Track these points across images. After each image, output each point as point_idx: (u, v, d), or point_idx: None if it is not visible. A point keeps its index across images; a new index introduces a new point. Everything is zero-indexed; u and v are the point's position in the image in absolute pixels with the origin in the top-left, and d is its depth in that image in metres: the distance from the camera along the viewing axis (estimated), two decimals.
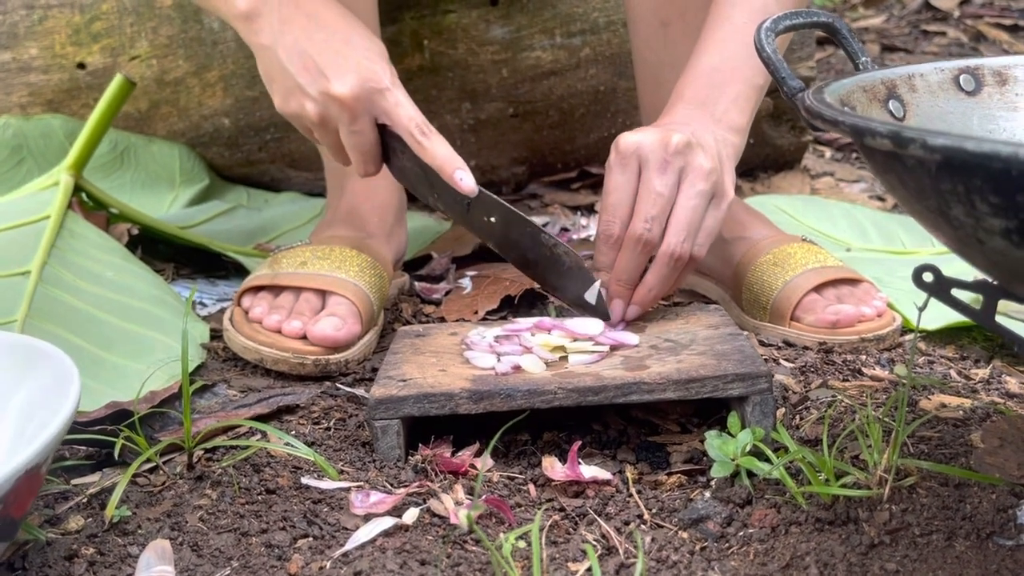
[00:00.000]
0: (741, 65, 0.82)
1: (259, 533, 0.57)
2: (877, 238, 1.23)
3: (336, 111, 0.76)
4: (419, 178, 0.79)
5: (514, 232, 0.78)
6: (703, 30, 0.86)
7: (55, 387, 0.52)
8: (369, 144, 0.78)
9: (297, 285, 0.87)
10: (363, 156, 0.79)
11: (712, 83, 0.82)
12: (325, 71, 0.75)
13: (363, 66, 0.76)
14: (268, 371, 0.82)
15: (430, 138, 0.76)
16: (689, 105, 0.82)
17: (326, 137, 0.79)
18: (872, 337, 0.86)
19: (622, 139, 0.78)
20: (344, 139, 0.78)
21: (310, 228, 1.26)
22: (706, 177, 0.76)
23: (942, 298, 0.56)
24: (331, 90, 0.75)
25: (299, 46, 0.76)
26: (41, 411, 0.51)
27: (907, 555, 0.53)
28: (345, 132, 0.77)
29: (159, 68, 1.28)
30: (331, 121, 0.77)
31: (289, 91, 0.78)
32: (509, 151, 1.37)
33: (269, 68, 0.79)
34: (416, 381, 0.69)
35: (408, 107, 0.77)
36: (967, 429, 0.69)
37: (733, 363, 0.68)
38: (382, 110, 0.76)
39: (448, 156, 0.76)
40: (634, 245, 0.77)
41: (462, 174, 0.76)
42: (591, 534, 0.59)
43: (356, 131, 0.77)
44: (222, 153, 1.34)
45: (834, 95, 0.53)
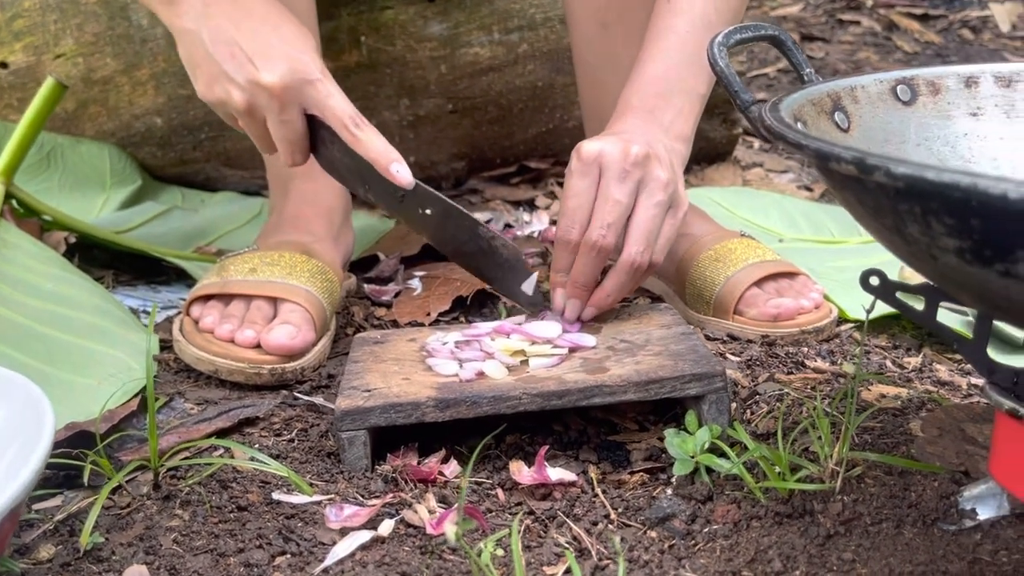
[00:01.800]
0: (685, 75, 0.84)
1: (236, 553, 0.57)
2: (807, 228, 1.27)
3: (264, 100, 0.75)
4: (350, 170, 0.78)
5: (451, 225, 0.79)
6: (646, 39, 0.88)
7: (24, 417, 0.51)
8: (297, 134, 0.77)
9: (248, 293, 0.87)
10: (291, 146, 0.78)
11: (658, 93, 0.84)
12: (253, 59, 0.74)
13: (293, 56, 0.75)
14: (223, 382, 0.82)
15: (364, 130, 0.76)
16: (638, 115, 0.84)
17: (252, 126, 0.78)
18: (811, 329, 0.90)
19: (584, 146, 0.79)
20: (272, 129, 0.77)
21: (250, 229, 1.24)
22: (664, 188, 0.79)
23: (888, 300, 0.60)
24: (259, 79, 0.74)
25: (225, 33, 0.75)
26: (12, 443, 0.50)
27: (861, 544, 0.57)
28: (273, 122, 0.76)
29: (86, 66, 1.24)
30: (258, 110, 0.76)
31: (214, 77, 0.76)
32: (448, 147, 1.37)
33: (192, 53, 0.77)
34: (381, 391, 0.69)
35: (340, 99, 0.76)
36: (905, 418, 0.73)
37: (689, 363, 0.70)
38: (313, 101, 0.76)
39: (383, 149, 0.76)
40: (590, 250, 0.78)
41: (398, 167, 0.76)
42: (562, 536, 0.61)
43: (285, 121, 0.76)
44: (154, 153, 1.31)
45: (788, 111, 0.55)
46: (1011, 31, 2.37)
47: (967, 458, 0.63)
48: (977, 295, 0.44)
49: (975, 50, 2.28)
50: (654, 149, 0.79)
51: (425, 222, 0.79)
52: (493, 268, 0.80)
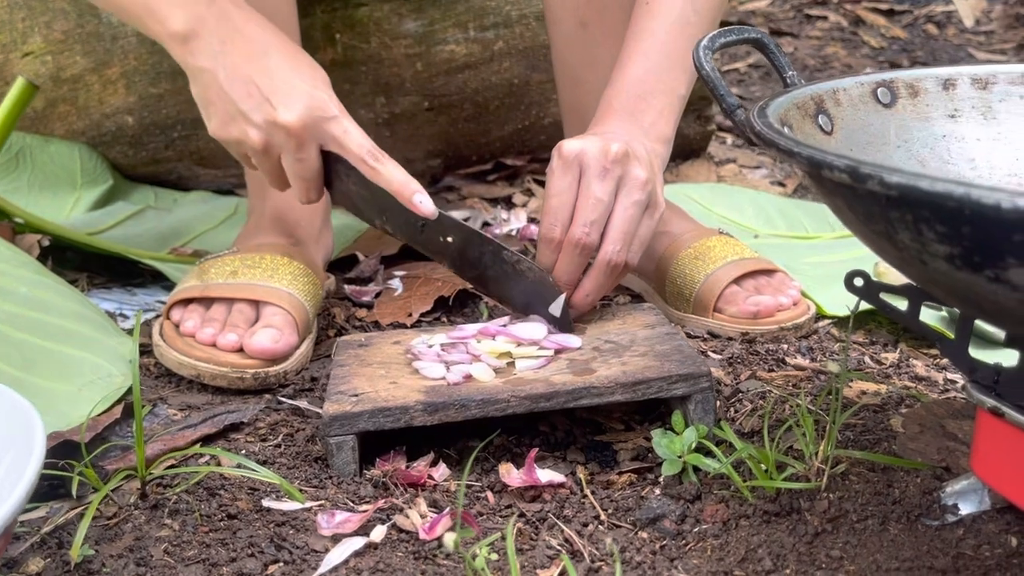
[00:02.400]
0: (665, 76, 0.85)
1: (228, 562, 0.57)
2: (782, 224, 1.29)
3: (282, 139, 0.75)
4: (366, 202, 0.79)
5: (473, 251, 0.80)
6: (626, 40, 0.88)
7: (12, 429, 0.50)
8: (313, 172, 0.78)
9: (229, 296, 0.86)
10: (307, 184, 0.79)
11: (639, 95, 0.85)
12: (271, 98, 0.75)
13: (310, 94, 0.75)
14: (205, 386, 0.81)
15: (384, 163, 0.77)
16: (619, 116, 0.85)
17: (265, 164, 0.79)
18: (791, 326, 0.91)
19: (565, 145, 0.80)
20: (287, 167, 0.78)
21: (226, 229, 1.23)
22: (642, 187, 0.79)
23: (871, 301, 0.61)
24: (277, 118, 0.74)
25: (242, 71, 0.75)
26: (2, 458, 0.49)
27: (848, 541, 0.58)
28: (290, 160, 0.77)
29: (55, 65, 1.22)
30: (275, 148, 0.77)
31: (230, 117, 0.76)
32: (424, 144, 1.37)
33: (206, 91, 0.77)
34: (369, 395, 0.69)
35: (357, 134, 0.77)
36: (886, 415, 0.74)
37: (675, 364, 0.71)
38: (331, 138, 0.76)
39: (404, 180, 0.77)
40: (573, 248, 0.79)
41: (421, 197, 0.76)
42: (554, 538, 0.61)
43: (301, 159, 0.77)
44: (126, 152, 1.29)
45: (774, 115, 0.56)
46: (974, 26, 2.41)
47: (948, 454, 0.65)
48: (965, 299, 0.45)
49: (940, 45, 2.31)
50: (633, 148, 0.80)
51: (446, 250, 0.80)
52: (519, 292, 0.80)
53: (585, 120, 1.06)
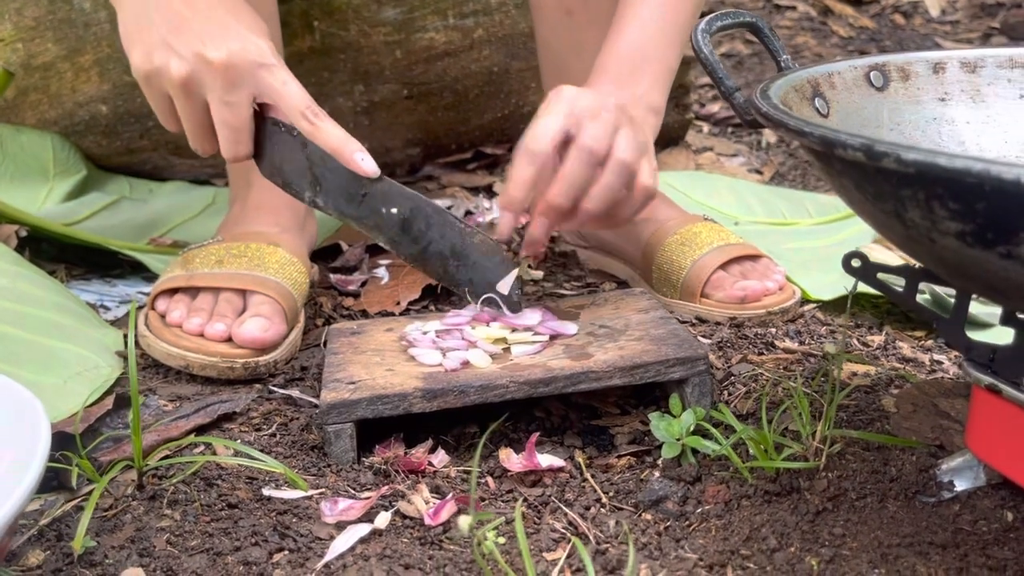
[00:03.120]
0: (659, 46, 0.83)
1: (232, 551, 0.56)
2: (760, 210, 1.30)
3: (208, 77, 0.69)
4: (299, 172, 0.72)
5: (419, 223, 0.72)
6: (619, 9, 0.86)
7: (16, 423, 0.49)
8: (241, 121, 0.71)
9: (216, 286, 0.85)
10: (234, 134, 0.71)
11: (634, 62, 0.83)
12: (203, 36, 0.69)
13: (247, 38, 0.70)
14: (194, 377, 0.80)
15: (322, 119, 0.71)
16: (613, 82, 0.82)
17: (188, 108, 0.71)
18: (777, 310, 0.92)
19: (563, 88, 0.75)
20: (215, 112, 0.70)
21: (204, 219, 1.21)
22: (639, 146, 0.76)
23: (869, 282, 0.61)
24: (206, 53, 0.68)
25: (175, 7, 0.70)
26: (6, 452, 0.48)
27: (849, 519, 0.59)
28: (216, 102, 0.70)
29: (26, 52, 1.19)
30: (198, 87, 0.70)
31: (153, 45, 0.69)
32: (403, 133, 1.36)
33: (133, 23, 0.71)
34: (366, 383, 0.69)
35: (296, 87, 0.71)
36: (876, 395, 0.75)
37: (672, 347, 0.71)
38: (267, 87, 0.70)
39: (344, 137, 0.71)
40: (586, 155, 0.71)
41: (362, 155, 0.71)
42: (558, 522, 0.61)
43: (229, 103, 0.69)
44: (99, 142, 1.27)
45: (776, 98, 0.56)
46: (940, 16, 2.45)
47: (942, 432, 0.66)
48: (972, 277, 0.45)
49: (907, 35, 2.34)
50: (628, 113, 0.77)
51: (387, 223, 0.72)
52: (466, 270, 0.74)
53: None
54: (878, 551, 0.56)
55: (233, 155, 0.73)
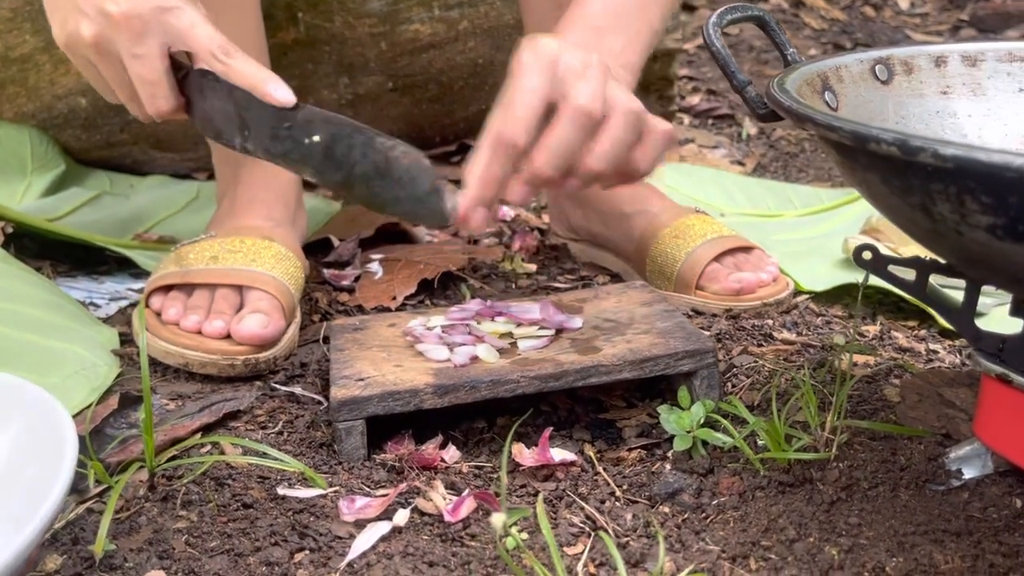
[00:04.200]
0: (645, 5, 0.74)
1: (253, 552, 0.55)
2: (745, 202, 1.31)
3: (113, 31, 0.65)
4: (227, 117, 0.68)
5: (341, 146, 0.66)
6: None
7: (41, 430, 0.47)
8: (155, 72, 0.67)
9: (212, 282, 0.83)
10: (151, 88, 0.67)
11: (611, 15, 0.73)
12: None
13: None
14: (192, 375, 0.79)
15: (234, 56, 0.67)
16: (585, 33, 0.72)
17: (108, 69, 0.68)
18: (772, 302, 0.93)
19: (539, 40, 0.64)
20: (127, 66, 0.67)
21: (189, 214, 1.19)
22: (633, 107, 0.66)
23: (879, 274, 0.62)
24: (105, 6, 0.64)
25: None
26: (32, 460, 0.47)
27: (863, 508, 0.59)
28: (127, 58, 0.66)
29: (2, 44, 1.16)
30: (110, 45, 0.66)
31: (67, 10, 0.66)
32: (388, 125, 1.35)
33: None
34: (376, 379, 0.68)
35: (205, 27, 0.67)
36: (878, 385, 0.76)
37: (680, 340, 0.72)
38: (175, 32, 0.67)
39: (257, 71, 0.67)
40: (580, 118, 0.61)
41: (275, 85, 0.66)
42: (575, 516, 0.61)
43: (138, 55, 0.66)
44: (78, 135, 1.24)
45: (792, 92, 0.56)
46: (910, 8, 2.48)
47: (948, 421, 0.67)
48: (997, 269, 0.46)
49: (878, 27, 2.37)
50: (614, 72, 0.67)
51: (312, 152, 0.66)
52: (391, 187, 0.65)
53: None
54: (894, 539, 0.56)
55: (155, 111, 0.69)
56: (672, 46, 1.41)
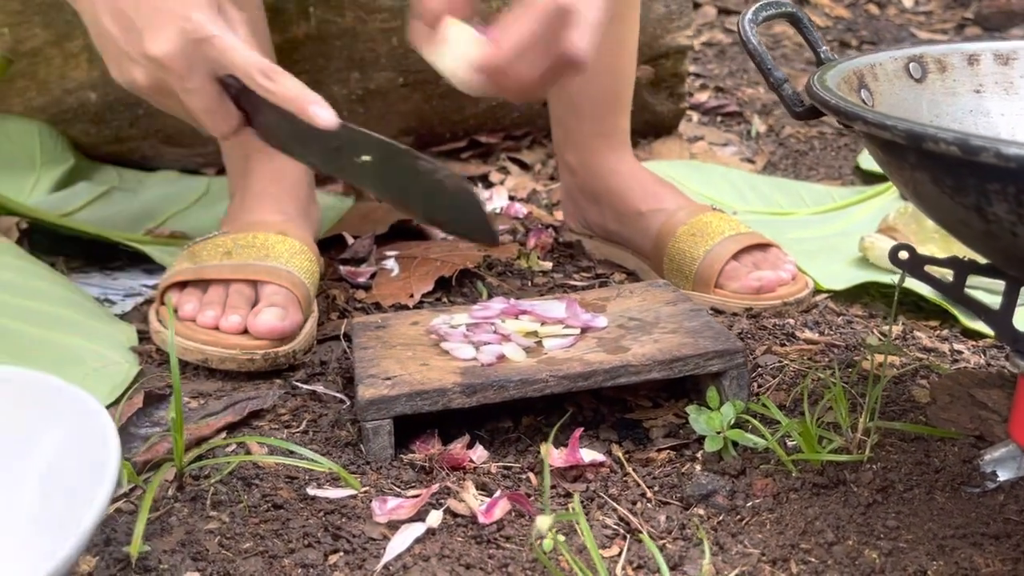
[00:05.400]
0: None
1: (287, 553, 0.54)
2: (756, 200, 1.30)
3: (162, 72, 0.67)
4: (286, 132, 0.70)
5: (390, 167, 0.69)
6: None
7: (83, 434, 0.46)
8: (210, 101, 0.68)
9: (226, 277, 0.83)
10: (211, 116, 0.69)
11: None
12: (142, 29, 0.67)
13: (179, 15, 0.67)
14: (212, 371, 0.78)
15: (276, 78, 0.68)
16: None
17: (170, 104, 0.70)
18: (793, 301, 0.92)
19: None
20: (184, 101, 0.69)
21: (198, 209, 1.18)
22: None
23: (915, 274, 0.62)
24: (148, 50, 0.66)
25: (114, 3, 0.67)
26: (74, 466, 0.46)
27: (900, 511, 0.59)
28: (181, 93, 0.68)
29: (12, 37, 1.15)
30: (163, 84, 0.68)
31: (119, 59, 0.69)
32: (398, 121, 1.34)
33: (96, 35, 0.69)
34: (403, 378, 0.67)
35: (242, 50, 0.68)
36: (905, 386, 0.76)
37: (709, 340, 0.71)
38: (215, 61, 0.68)
39: (299, 91, 0.67)
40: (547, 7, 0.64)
41: (317, 108, 0.67)
42: (608, 518, 0.60)
43: (190, 90, 0.67)
44: (88, 130, 1.23)
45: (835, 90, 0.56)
46: (914, 6, 2.48)
47: (981, 423, 0.66)
48: None
49: (882, 25, 2.37)
50: None
51: (366, 172, 0.69)
52: (441, 208, 0.69)
53: (576, 106, 1.04)
54: (933, 543, 0.56)
55: (220, 133, 0.71)
56: (683, 43, 1.41)
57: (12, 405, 0.51)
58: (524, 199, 1.27)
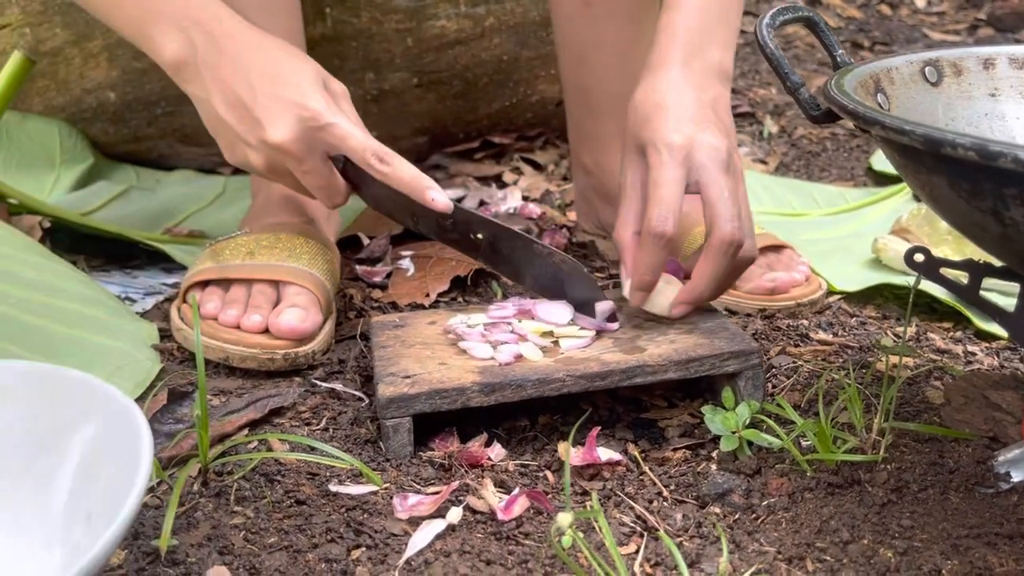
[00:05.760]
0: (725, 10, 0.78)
1: (311, 548, 0.55)
2: (769, 201, 1.31)
3: (280, 157, 0.73)
4: (394, 204, 0.76)
5: (504, 245, 0.77)
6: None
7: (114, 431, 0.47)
8: (324, 179, 0.75)
9: (249, 277, 0.84)
10: (324, 192, 0.76)
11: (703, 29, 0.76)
12: (260, 118, 0.72)
13: (296, 104, 0.72)
14: (233, 370, 0.79)
15: (390, 163, 0.74)
16: (683, 50, 0.76)
17: (284, 180, 0.77)
18: (807, 302, 0.93)
19: (667, 134, 0.72)
20: (300, 179, 0.76)
21: (216, 209, 1.20)
22: (741, 176, 0.76)
23: (931, 276, 0.62)
24: (267, 138, 0.72)
25: (229, 94, 0.73)
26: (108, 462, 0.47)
27: (915, 510, 0.59)
28: (297, 174, 0.75)
29: (33, 37, 1.16)
30: (280, 167, 0.75)
31: (232, 143, 0.75)
32: (412, 122, 1.35)
33: (208, 119, 0.76)
34: (422, 377, 0.68)
35: (358, 136, 0.74)
36: (919, 387, 0.76)
37: (725, 341, 0.72)
38: (332, 146, 0.74)
39: (415, 177, 0.74)
40: (727, 248, 0.71)
41: (434, 194, 0.73)
42: (625, 516, 0.61)
43: (307, 171, 0.74)
44: (106, 129, 1.24)
45: (852, 94, 0.56)
46: (926, 7, 2.48)
47: (995, 424, 0.67)
48: None
49: (895, 26, 2.37)
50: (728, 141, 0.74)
51: (479, 246, 0.78)
52: (556, 285, 0.77)
53: (591, 101, 1.05)
54: (948, 542, 0.56)
55: (332, 205, 0.78)
56: None
57: (47, 400, 0.52)
58: (537, 199, 1.28)
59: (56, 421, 0.51)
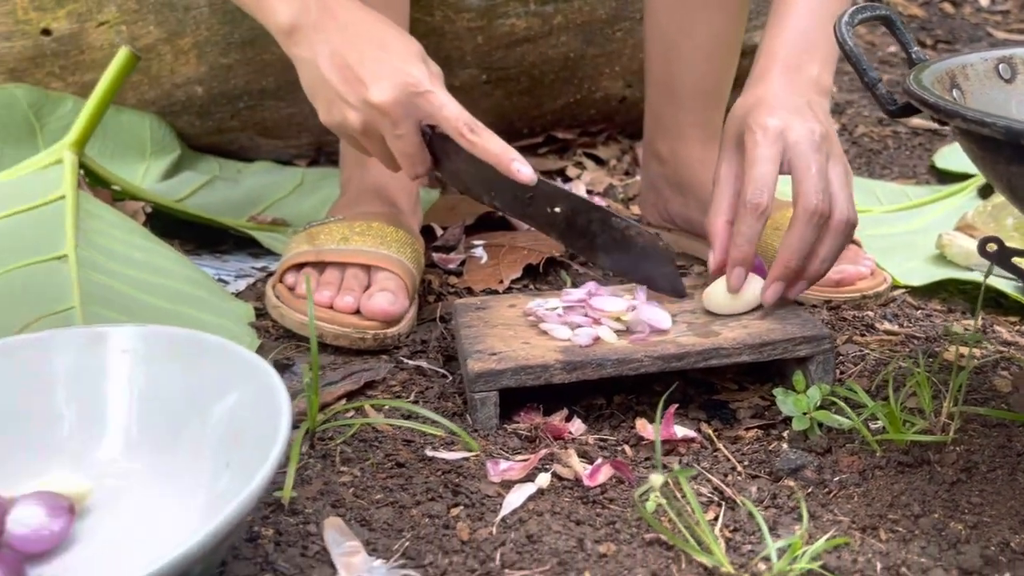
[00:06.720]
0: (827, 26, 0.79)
1: (414, 505, 0.60)
2: None
3: (377, 117, 0.77)
4: (474, 179, 0.79)
5: (581, 219, 0.79)
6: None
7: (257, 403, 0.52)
8: (414, 147, 0.79)
9: (343, 261, 0.89)
10: (410, 159, 0.80)
11: (804, 45, 0.82)
12: (363, 79, 0.76)
13: (400, 70, 0.76)
14: (325, 347, 0.84)
15: (480, 134, 0.77)
16: (783, 65, 0.82)
17: (372, 145, 0.80)
18: (872, 294, 0.95)
19: (763, 118, 0.77)
20: (390, 144, 0.79)
21: (295, 199, 1.25)
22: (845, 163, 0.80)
23: (1004, 265, 0.65)
24: (370, 97, 0.75)
25: (336, 56, 0.77)
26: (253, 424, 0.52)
27: (984, 489, 0.62)
28: (390, 137, 0.78)
29: (128, 34, 1.23)
30: (374, 129, 0.78)
31: (331, 102, 0.78)
32: (478, 117, 1.34)
33: (311, 80, 0.79)
34: (508, 354, 0.73)
35: (452, 106, 0.77)
36: (986, 376, 0.78)
37: (796, 326, 0.75)
38: (425, 113, 0.77)
39: (502, 148, 0.77)
40: (810, 218, 0.75)
41: (519, 165, 0.76)
42: (702, 487, 0.65)
43: (400, 135, 0.77)
44: (192, 122, 1.30)
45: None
46: (990, 5, 2.46)
47: None
48: None
49: (958, 24, 2.36)
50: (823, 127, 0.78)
51: (555, 220, 0.79)
52: (630, 260, 0.79)
53: (675, 94, 1.08)
54: (1016, 518, 0.59)
55: (413, 176, 0.81)
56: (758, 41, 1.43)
57: (195, 364, 0.57)
58: (601, 193, 1.31)
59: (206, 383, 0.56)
